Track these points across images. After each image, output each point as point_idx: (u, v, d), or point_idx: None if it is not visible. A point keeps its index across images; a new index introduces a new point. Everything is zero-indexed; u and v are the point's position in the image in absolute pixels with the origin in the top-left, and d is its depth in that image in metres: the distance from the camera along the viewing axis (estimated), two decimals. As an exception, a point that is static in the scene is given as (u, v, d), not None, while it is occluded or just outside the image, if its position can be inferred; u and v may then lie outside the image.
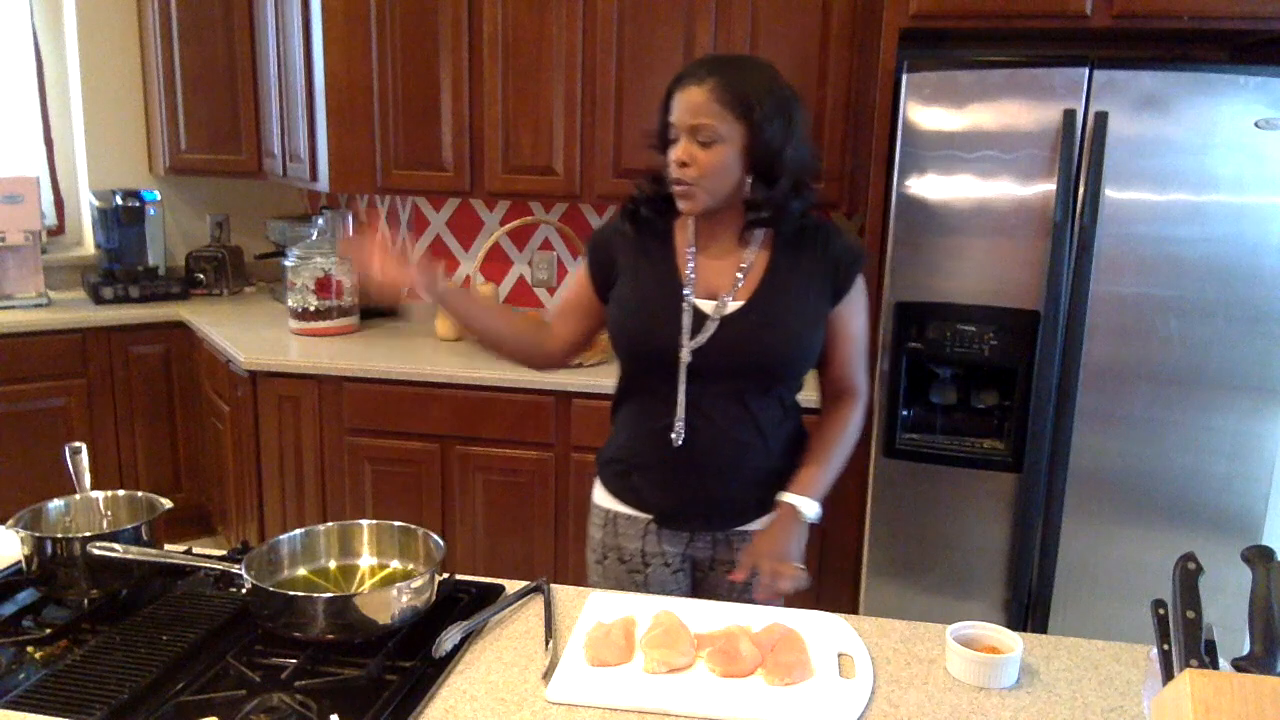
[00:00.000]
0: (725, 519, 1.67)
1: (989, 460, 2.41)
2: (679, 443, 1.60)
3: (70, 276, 3.91)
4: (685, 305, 1.59)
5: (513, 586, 1.51)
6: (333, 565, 1.47)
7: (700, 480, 1.63)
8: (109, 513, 1.57)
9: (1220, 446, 2.28)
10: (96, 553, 1.38)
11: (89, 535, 1.40)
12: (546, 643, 1.34)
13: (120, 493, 1.57)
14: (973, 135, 2.28)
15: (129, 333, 3.54)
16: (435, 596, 1.37)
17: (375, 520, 1.50)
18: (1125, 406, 2.31)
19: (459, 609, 1.42)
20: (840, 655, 1.33)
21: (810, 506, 1.61)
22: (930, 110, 2.30)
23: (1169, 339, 2.26)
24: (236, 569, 1.33)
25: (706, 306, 1.59)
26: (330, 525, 1.48)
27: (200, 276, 3.89)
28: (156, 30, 3.62)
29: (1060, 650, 1.37)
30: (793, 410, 1.70)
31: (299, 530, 1.46)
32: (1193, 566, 1.09)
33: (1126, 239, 2.24)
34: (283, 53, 3.39)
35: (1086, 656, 1.36)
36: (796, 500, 1.60)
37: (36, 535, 1.41)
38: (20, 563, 1.47)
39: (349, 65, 3.08)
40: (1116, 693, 1.27)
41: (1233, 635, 1.17)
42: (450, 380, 2.88)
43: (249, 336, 3.24)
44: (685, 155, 1.52)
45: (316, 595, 1.27)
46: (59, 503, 1.53)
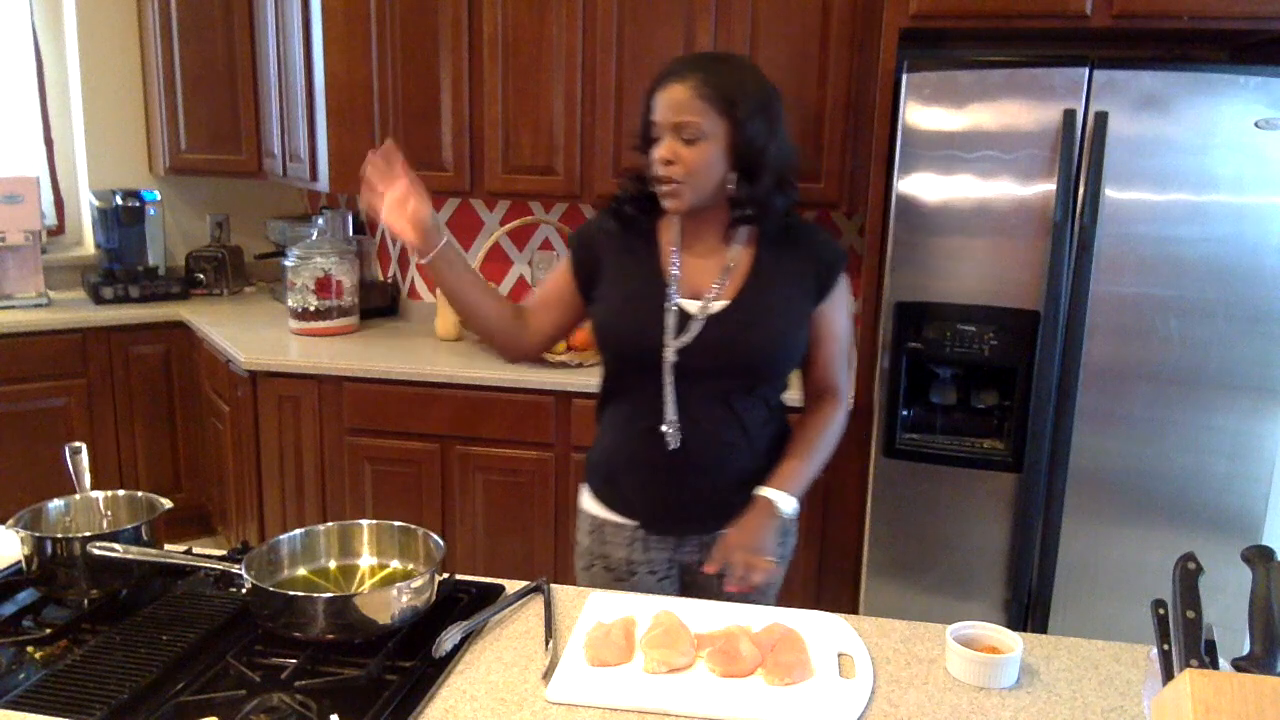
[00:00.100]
0: (712, 521, 1.65)
1: (989, 460, 2.41)
2: (674, 445, 1.59)
3: (70, 276, 3.91)
4: (669, 305, 1.59)
5: (513, 586, 1.51)
6: (333, 565, 1.47)
7: (687, 482, 1.63)
8: (109, 513, 1.57)
9: (1220, 446, 2.28)
10: (96, 553, 1.38)
11: (89, 535, 1.40)
12: (546, 643, 1.34)
13: (120, 493, 1.57)
14: (973, 135, 2.28)
15: (129, 333, 3.54)
16: (435, 596, 1.37)
17: (375, 520, 1.49)
18: (1125, 406, 2.31)
19: (459, 609, 1.42)
20: (840, 655, 1.33)
21: (787, 502, 1.59)
22: (930, 110, 2.30)
23: (1169, 339, 2.26)
24: (236, 569, 1.33)
25: (691, 306, 1.59)
26: (330, 525, 1.48)
27: (200, 276, 3.89)
28: (156, 30, 3.62)
29: (1060, 650, 1.37)
30: (777, 411, 1.70)
31: (299, 530, 1.46)
32: (1193, 566, 1.09)
33: (1126, 239, 2.24)
34: (283, 53, 3.39)
35: (1086, 656, 1.36)
36: (774, 495, 1.59)
37: (36, 535, 1.41)
38: (20, 563, 1.47)
39: (349, 65, 3.08)
40: (1116, 693, 1.27)
41: (1233, 635, 1.17)
42: (450, 380, 2.88)
43: (249, 336, 3.24)
44: (669, 153, 1.52)
45: (316, 595, 1.27)
46: (59, 503, 1.53)
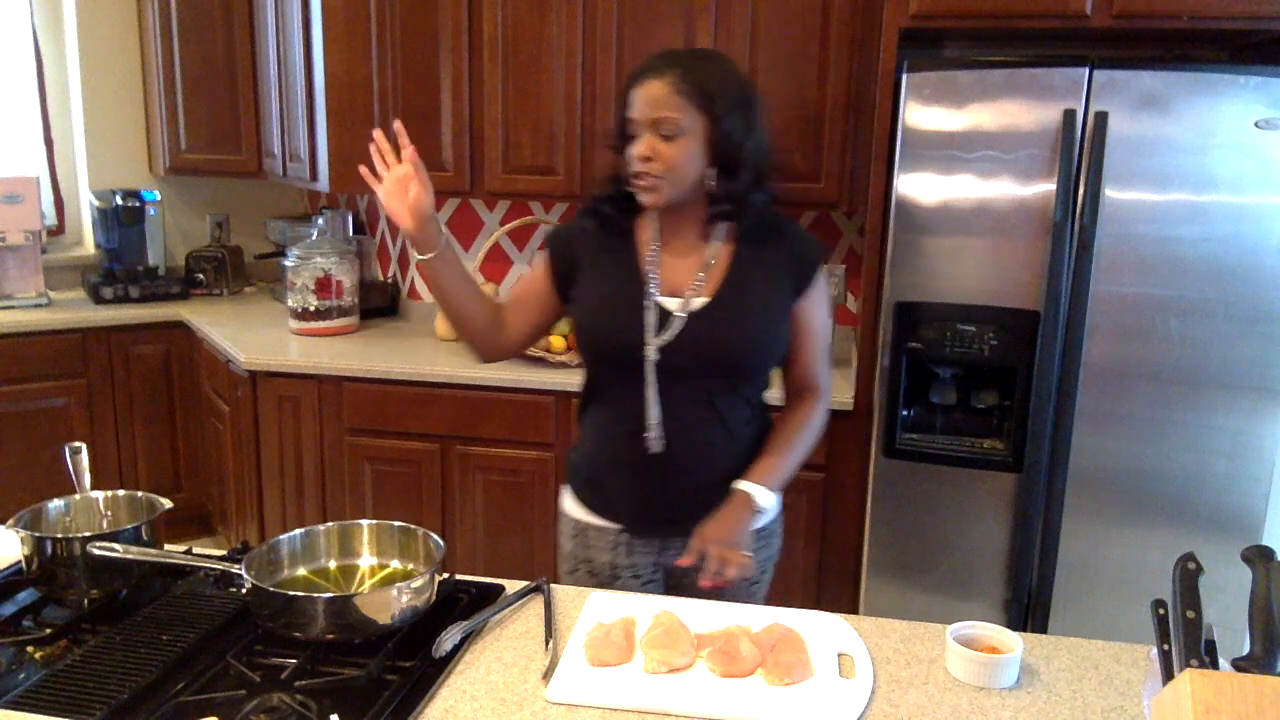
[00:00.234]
0: (695, 522, 1.61)
1: (989, 460, 2.41)
2: (659, 448, 1.58)
3: (70, 276, 3.91)
4: (649, 303, 1.58)
5: (513, 586, 1.51)
6: (333, 565, 1.47)
7: (670, 483, 1.62)
8: (109, 513, 1.57)
9: (1220, 446, 2.28)
10: (96, 553, 1.38)
11: (89, 535, 1.40)
12: (546, 643, 1.34)
13: (120, 493, 1.57)
14: (973, 135, 2.28)
15: (129, 333, 3.54)
16: (435, 596, 1.37)
17: (375, 520, 1.49)
18: (1125, 406, 2.31)
19: (459, 609, 1.42)
20: (840, 655, 1.33)
21: (765, 496, 1.58)
22: (930, 110, 2.30)
23: (1169, 339, 2.26)
24: (236, 569, 1.33)
25: (671, 304, 1.58)
26: (330, 525, 1.48)
27: (200, 276, 3.89)
28: (156, 30, 3.62)
29: (1060, 650, 1.37)
30: (759, 410, 1.69)
31: (299, 530, 1.46)
32: (1193, 566, 1.09)
33: (1126, 239, 2.24)
34: (283, 53, 3.39)
35: (1086, 656, 1.36)
36: (751, 488, 1.57)
37: (36, 535, 1.41)
38: (20, 563, 1.47)
39: (349, 65, 3.08)
40: (1116, 693, 1.27)
41: (1233, 635, 1.17)
42: (450, 380, 2.88)
43: (249, 336, 3.24)
44: (648, 150, 1.51)
45: (316, 595, 1.27)
46: (59, 503, 1.53)
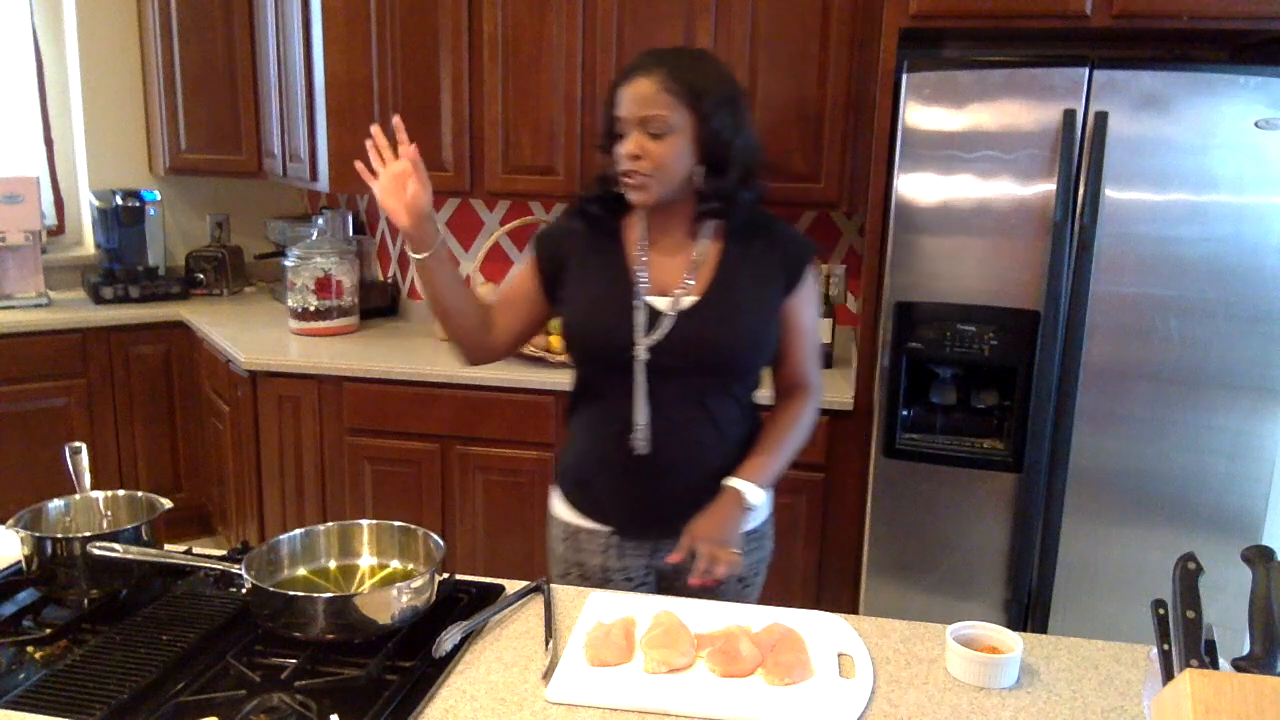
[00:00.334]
0: (686, 523, 1.58)
1: (989, 460, 2.41)
2: (646, 450, 1.57)
3: (70, 276, 3.91)
4: (638, 303, 1.57)
5: (513, 586, 1.51)
6: (333, 565, 1.47)
7: (661, 484, 1.61)
8: (109, 513, 1.57)
9: (1220, 446, 2.28)
10: (96, 553, 1.38)
11: (89, 535, 1.40)
12: (546, 643, 1.34)
13: (120, 493, 1.57)
14: (973, 135, 2.28)
15: (129, 333, 3.54)
16: (435, 596, 1.37)
17: (375, 520, 1.49)
18: (1125, 406, 2.31)
19: (459, 609, 1.42)
20: (840, 655, 1.33)
21: (756, 493, 1.57)
22: (930, 110, 2.30)
23: (1169, 339, 2.26)
24: (236, 569, 1.33)
25: (660, 303, 1.58)
26: (330, 525, 1.48)
27: (200, 276, 3.89)
28: (156, 30, 3.62)
29: (1060, 650, 1.37)
30: (750, 409, 1.68)
31: (299, 530, 1.46)
32: (1193, 566, 1.09)
33: (1126, 239, 2.24)
34: (283, 53, 3.39)
35: (1086, 656, 1.36)
36: (742, 485, 1.56)
37: (36, 535, 1.41)
38: (20, 563, 1.47)
39: (349, 65, 3.08)
40: (1116, 693, 1.27)
41: (1233, 635, 1.17)
42: (450, 380, 2.88)
43: (249, 336, 3.24)
44: (637, 148, 1.51)
45: (316, 595, 1.27)
46: (59, 503, 1.53)
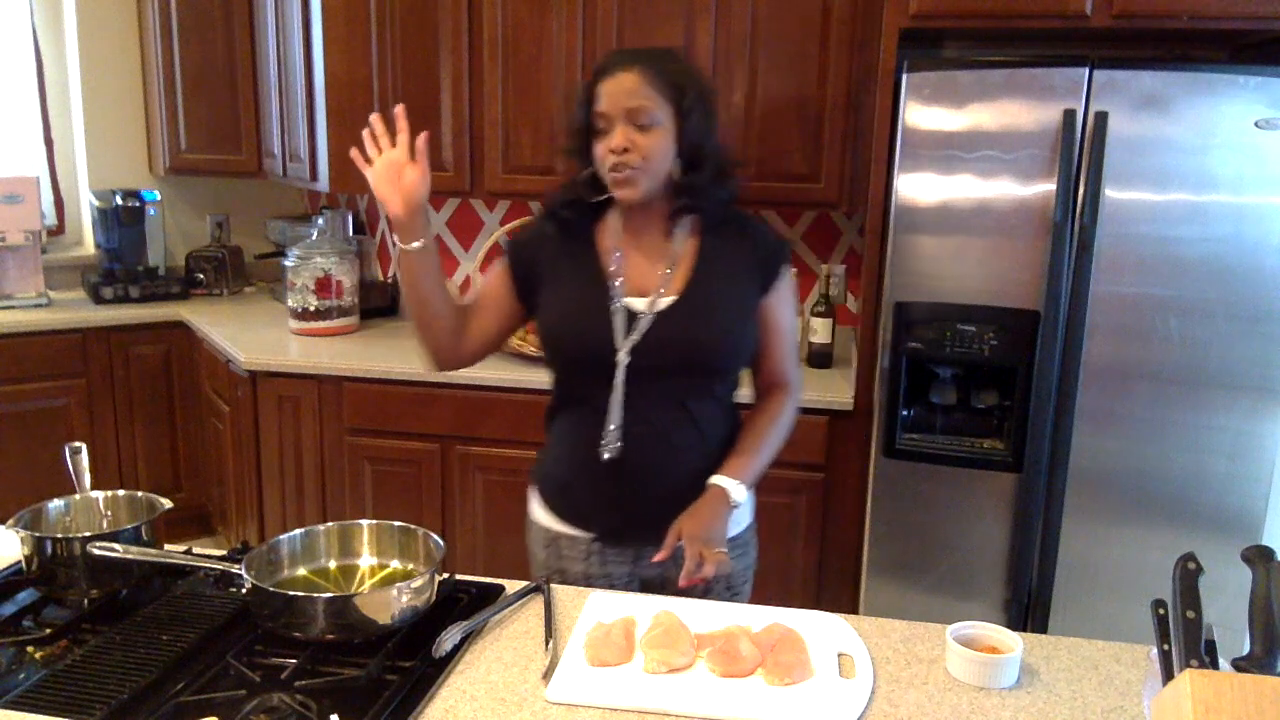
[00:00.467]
0: (669, 527, 1.53)
1: (989, 460, 2.41)
2: (615, 454, 1.55)
3: (70, 276, 3.91)
4: (616, 305, 1.56)
5: (513, 586, 1.51)
6: (333, 565, 1.47)
7: (642, 489, 1.59)
8: (109, 513, 1.56)
9: (1220, 446, 2.28)
10: (96, 553, 1.38)
11: (89, 535, 1.40)
12: (546, 643, 1.34)
13: (120, 493, 1.57)
14: (973, 135, 2.28)
15: (129, 333, 3.54)
16: (435, 596, 1.37)
17: (375, 520, 1.49)
18: (1125, 406, 2.31)
19: (459, 609, 1.42)
20: (840, 655, 1.33)
21: (740, 491, 1.56)
22: (930, 110, 2.30)
23: (1169, 339, 2.26)
24: (236, 569, 1.33)
25: (638, 304, 1.56)
26: (330, 525, 1.48)
27: (200, 276, 3.89)
28: (156, 30, 3.62)
29: (1060, 650, 1.37)
30: (730, 409, 1.67)
31: (299, 530, 1.46)
32: (1193, 566, 1.09)
33: (1126, 239, 2.24)
34: (283, 53, 3.39)
35: (1086, 656, 1.36)
36: (726, 483, 1.55)
37: (36, 535, 1.41)
38: (20, 563, 1.47)
39: (349, 65, 3.08)
40: (1116, 693, 1.27)
41: (1233, 635, 1.17)
42: (450, 380, 2.88)
43: (249, 336, 3.24)
44: (625, 141, 1.49)
45: (316, 595, 1.27)
46: (59, 503, 1.53)
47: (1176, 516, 2.32)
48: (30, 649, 1.31)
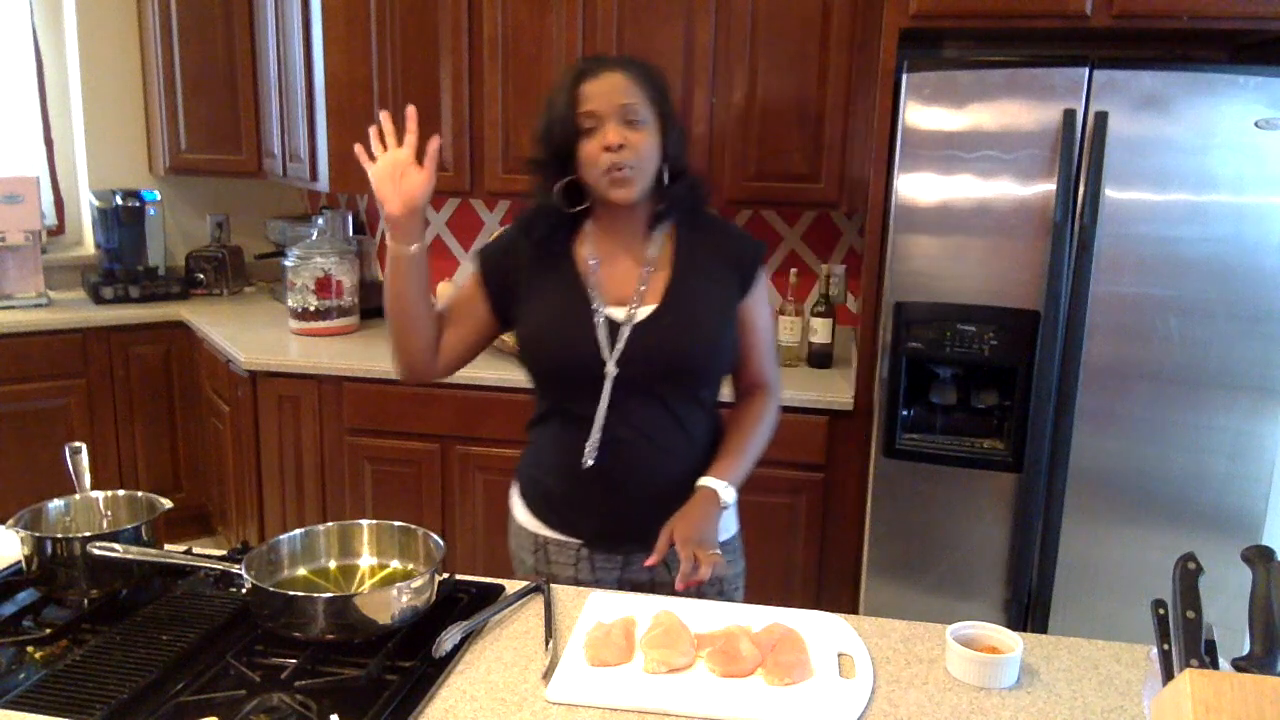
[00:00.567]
0: (657, 532, 1.52)
1: (989, 460, 2.41)
2: (596, 462, 1.54)
3: (70, 276, 3.91)
4: (599, 317, 1.55)
5: (513, 586, 1.51)
6: (333, 565, 1.47)
7: (634, 494, 1.58)
8: (109, 513, 1.56)
9: (1220, 446, 2.28)
10: (96, 553, 1.38)
11: (89, 535, 1.40)
12: (546, 643, 1.34)
13: (120, 493, 1.57)
14: (973, 135, 2.28)
15: (129, 333, 3.54)
16: (435, 596, 1.37)
17: (375, 520, 1.49)
18: (1125, 406, 2.31)
19: (459, 609, 1.42)
20: (840, 655, 1.33)
21: (729, 493, 1.55)
22: (930, 110, 2.30)
23: (1169, 339, 2.26)
24: (236, 569, 1.33)
25: (619, 313, 1.55)
26: (330, 525, 1.48)
27: (200, 276, 3.89)
28: (156, 30, 3.63)
29: (1060, 650, 1.37)
30: (713, 412, 1.67)
31: (299, 530, 1.46)
32: (1193, 566, 1.09)
33: (1126, 239, 2.24)
34: (283, 53, 3.39)
35: (1086, 656, 1.36)
36: (716, 485, 1.54)
37: (36, 535, 1.41)
38: (20, 563, 1.47)
39: (349, 65, 3.08)
40: (1116, 693, 1.27)
41: (1233, 635, 1.17)
42: (450, 380, 2.85)
43: (249, 336, 3.24)
44: (619, 138, 1.47)
45: (316, 595, 1.27)
46: (59, 503, 1.53)
47: (1176, 516, 2.32)
48: (30, 649, 1.31)
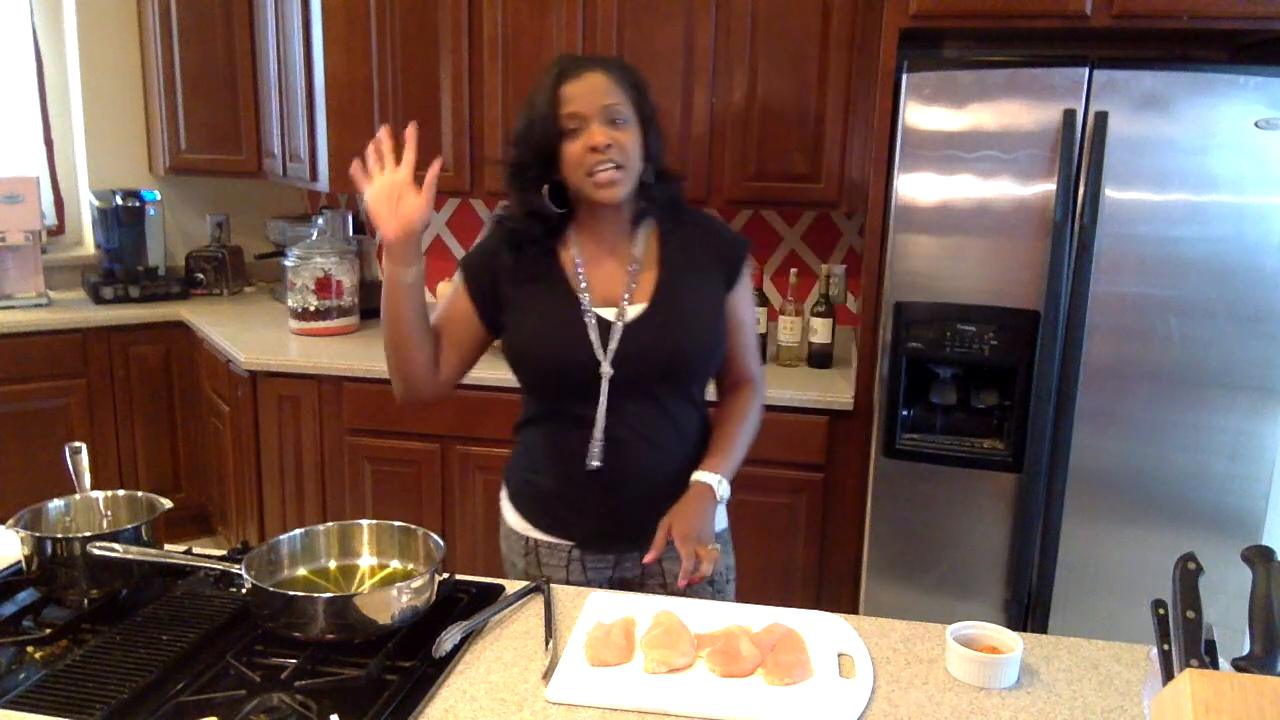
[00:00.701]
0: (648, 533, 1.52)
1: (989, 460, 2.41)
2: (609, 460, 1.55)
3: (70, 276, 3.91)
4: (589, 319, 1.54)
5: (513, 586, 1.51)
6: (333, 565, 1.47)
7: (628, 494, 1.58)
8: (109, 513, 1.56)
9: (1220, 446, 2.28)
10: (96, 553, 1.38)
11: (89, 535, 1.40)
12: (546, 643, 1.34)
13: (120, 493, 1.57)
14: (973, 135, 2.28)
15: (129, 333, 3.54)
16: (435, 596, 1.37)
17: (375, 520, 1.49)
18: (1125, 406, 2.31)
19: (459, 609, 1.42)
20: (840, 655, 1.33)
21: (724, 487, 1.55)
22: (930, 110, 2.30)
23: (1169, 339, 2.26)
24: (236, 569, 1.33)
25: (609, 314, 1.55)
26: (330, 525, 1.48)
27: (200, 276, 3.89)
28: (156, 30, 3.63)
29: (1060, 650, 1.37)
30: (701, 408, 1.67)
31: (299, 530, 1.46)
32: (1193, 566, 1.09)
33: (1126, 239, 2.24)
34: (283, 53, 3.39)
35: (1086, 656, 1.36)
36: (711, 479, 1.54)
37: (36, 535, 1.41)
38: (20, 563, 1.47)
39: (349, 65, 3.08)
40: (1116, 693, 1.27)
41: (1233, 635, 1.17)
42: (450, 380, 2.88)
43: (249, 336, 3.24)
44: (605, 138, 1.46)
45: (316, 595, 1.27)
46: (59, 503, 1.53)
47: (1176, 516, 2.32)
48: (30, 649, 1.31)
